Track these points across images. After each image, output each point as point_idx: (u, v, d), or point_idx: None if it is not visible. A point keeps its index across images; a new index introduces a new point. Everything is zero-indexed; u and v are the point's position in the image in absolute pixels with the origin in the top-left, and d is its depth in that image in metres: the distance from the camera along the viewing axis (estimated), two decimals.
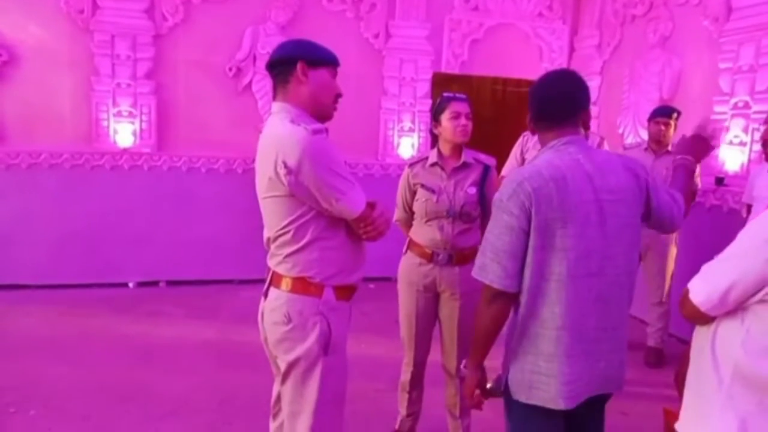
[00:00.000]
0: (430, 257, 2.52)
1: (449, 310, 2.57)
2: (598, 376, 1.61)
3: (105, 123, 5.05)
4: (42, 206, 4.92)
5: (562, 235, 1.50)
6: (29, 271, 4.91)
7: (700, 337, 1.39)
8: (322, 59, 1.78)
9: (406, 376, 2.72)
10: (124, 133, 5.07)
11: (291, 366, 1.77)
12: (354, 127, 4.92)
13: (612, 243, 1.56)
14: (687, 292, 1.36)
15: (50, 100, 4.94)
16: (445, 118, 2.51)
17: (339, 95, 1.84)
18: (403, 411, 2.77)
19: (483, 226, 2.60)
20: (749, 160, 3.98)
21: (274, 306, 1.78)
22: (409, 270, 2.60)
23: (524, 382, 1.59)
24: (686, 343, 4.89)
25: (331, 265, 1.76)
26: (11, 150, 4.83)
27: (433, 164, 2.55)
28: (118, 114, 5.05)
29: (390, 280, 5.53)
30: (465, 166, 2.53)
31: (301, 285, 1.75)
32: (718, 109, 4.18)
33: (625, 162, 1.67)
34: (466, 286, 2.53)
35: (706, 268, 1.35)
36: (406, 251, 2.65)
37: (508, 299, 1.56)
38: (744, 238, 1.30)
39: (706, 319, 1.35)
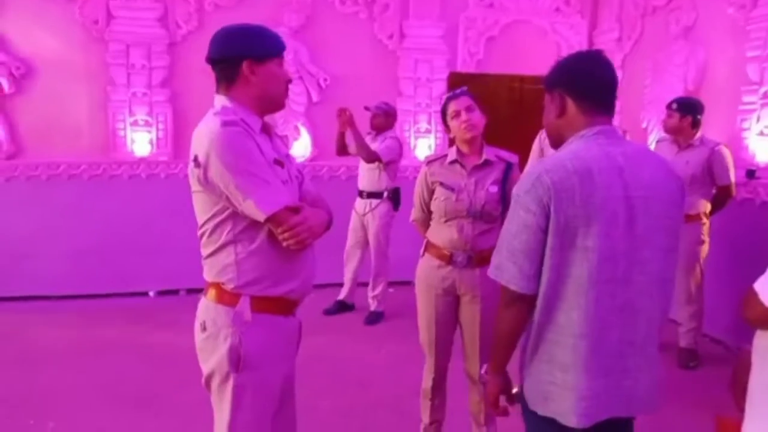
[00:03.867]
0: (449, 259, 2.44)
1: (470, 314, 2.48)
2: (623, 396, 1.45)
3: (122, 132, 5.08)
4: (61, 217, 4.94)
5: (584, 234, 1.36)
6: (49, 282, 4.93)
7: (765, 341, 1.27)
8: (270, 53, 1.65)
9: (427, 382, 2.63)
10: (140, 142, 5.09)
11: (207, 379, 1.69)
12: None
13: (642, 246, 1.41)
14: (754, 294, 1.23)
15: (67, 111, 4.98)
16: (449, 119, 2.50)
17: (289, 81, 1.74)
18: (425, 419, 2.68)
19: None
20: None
21: (198, 313, 1.71)
22: (427, 273, 2.52)
23: (539, 393, 1.47)
24: (720, 344, 4.65)
25: (247, 272, 1.60)
26: (30, 162, 4.88)
27: (453, 162, 2.47)
28: (135, 123, 5.07)
29: (410, 284, 5.46)
30: (486, 163, 2.45)
31: (217, 292, 1.64)
32: (746, 99, 4.03)
33: (662, 159, 1.55)
34: (487, 288, 2.43)
35: None
36: (423, 253, 2.57)
37: (526, 302, 1.43)
38: None
39: None
